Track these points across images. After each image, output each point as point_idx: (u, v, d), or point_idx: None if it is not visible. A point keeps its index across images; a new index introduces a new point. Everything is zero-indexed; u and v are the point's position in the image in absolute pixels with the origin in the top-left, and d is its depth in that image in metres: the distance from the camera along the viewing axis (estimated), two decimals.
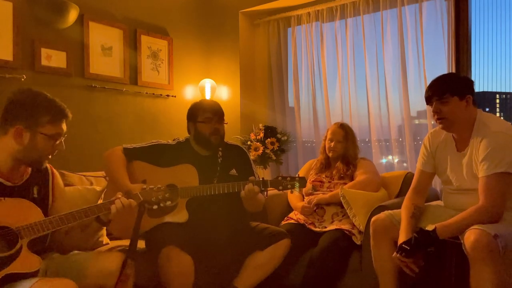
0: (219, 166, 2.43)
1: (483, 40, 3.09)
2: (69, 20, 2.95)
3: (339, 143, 2.87)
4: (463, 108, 2.02)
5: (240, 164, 2.48)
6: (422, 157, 2.25)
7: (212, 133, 2.36)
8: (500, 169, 1.89)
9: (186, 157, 2.36)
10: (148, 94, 3.55)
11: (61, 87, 3.01)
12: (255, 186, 2.17)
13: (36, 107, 1.65)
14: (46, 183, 1.80)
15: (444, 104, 2.02)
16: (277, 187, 2.23)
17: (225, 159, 2.46)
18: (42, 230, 1.60)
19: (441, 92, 2.02)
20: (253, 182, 2.19)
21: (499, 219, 1.89)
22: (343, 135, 2.88)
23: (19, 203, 1.64)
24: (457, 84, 2.05)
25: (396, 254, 1.96)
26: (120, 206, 1.75)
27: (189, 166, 2.31)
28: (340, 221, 2.67)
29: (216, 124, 2.38)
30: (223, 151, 2.47)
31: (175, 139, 2.50)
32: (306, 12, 3.68)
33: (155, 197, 1.88)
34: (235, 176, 2.42)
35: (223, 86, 3.97)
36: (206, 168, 2.36)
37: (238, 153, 2.54)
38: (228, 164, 2.45)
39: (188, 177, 2.28)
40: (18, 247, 1.55)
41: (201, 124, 2.38)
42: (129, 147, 2.37)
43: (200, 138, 2.39)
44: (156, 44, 3.62)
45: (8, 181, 1.67)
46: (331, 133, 2.91)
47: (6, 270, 1.51)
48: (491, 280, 1.73)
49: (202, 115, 2.38)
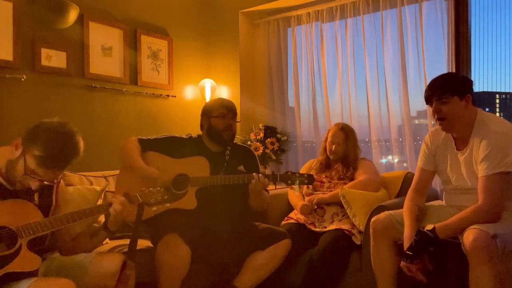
0: (226, 162, 2.47)
1: (483, 40, 3.09)
2: (69, 20, 2.95)
3: (339, 146, 2.86)
4: (463, 107, 2.02)
5: (248, 163, 2.53)
6: (423, 155, 2.24)
7: (225, 129, 2.43)
8: (500, 169, 1.89)
9: (198, 150, 2.43)
10: (148, 94, 3.55)
11: (61, 87, 3.01)
12: (265, 179, 2.26)
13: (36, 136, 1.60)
14: (49, 189, 1.80)
15: (444, 104, 2.01)
16: (286, 181, 2.29)
17: (232, 157, 2.50)
18: (42, 230, 1.60)
19: (441, 92, 2.02)
20: (263, 175, 2.27)
21: (498, 219, 1.89)
22: (344, 137, 2.87)
23: (18, 204, 1.64)
24: (456, 84, 2.05)
25: (403, 263, 1.95)
26: (119, 207, 1.75)
27: (202, 158, 2.37)
28: (340, 221, 2.67)
29: (230, 120, 2.45)
30: (231, 150, 2.52)
31: (187, 134, 2.57)
32: (306, 12, 3.68)
33: (154, 198, 1.89)
34: (242, 172, 2.45)
35: (223, 86, 3.97)
36: (215, 164, 2.40)
37: (246, 153, 2.61)
38: (235, 162, 2.50)
39: (199, 168, 2.34)
40: (18, 246, 1.55)
41: (215, 118, 2.45)
42: (143, 138, 2.43)
43: (213, 133, 2.45)
44: (156, 44, 3.62)
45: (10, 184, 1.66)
46: (331, 135, 2.90)
47: (5, 269, 1.51)
48: (490, 280, 1.73)
49: (218, 110, 2.45)
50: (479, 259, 1.74)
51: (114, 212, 1.75)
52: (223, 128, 2.43)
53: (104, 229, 1.81)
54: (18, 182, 1.63)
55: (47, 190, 1.79)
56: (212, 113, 2.46)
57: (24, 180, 1.62)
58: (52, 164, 1.60)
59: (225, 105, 2.48)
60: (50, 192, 1.80)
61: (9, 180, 1.64)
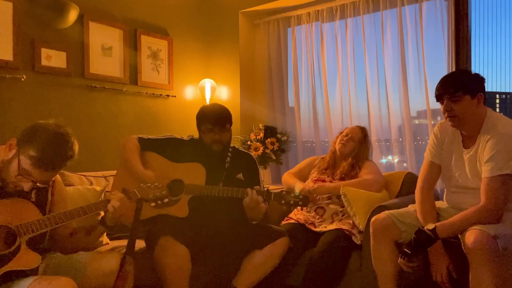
0: (225, 170, 2.44)
1: (483, 40, 3.09)
2: (69, 20, 2.95)
3: (353, 142, 2.86)
4: (474, 106, 1.99)
5: (248, 170, 2.50)
6: (432, 147, 2.18)
7: (213, 142, 2.37)
8: (505, 171, 1.88)
9: (198, 153, 2.39)
10: (148, 94, 3.55)
11: (61, 87, 3.01)
12: (259, 196, 2.21)
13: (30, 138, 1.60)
14: (45, 188, 1.79)
15: (455, 102, 1.99)
16: (279, 201, 2.25)
17: (233, 164, 2.47)
18: (41, 228, 1.60)
19: (453, 90, 1.98)
20: (257, 192, 2.22)
21: (499, 220, 1.88)
22: (361, 137, 2.88)
23: (17, 203, 1.64)
24: (469, 82, 2.02)
25: (400, 259, 1.95)
26: (117, 204, 1.75)
27: (199, 165, 2.33)
28: (340, 220, 2.67)
29: (217, 134, 2.35)
30: (232, 156, 2.48)
31: (189, 135, 2.54)
32: (306, 12, 3.68)
33: (153, 194, 1.90)
34: (241, 181, 2.43)
35: (223, 86, 3.97)
36: (213, 169, 2.37)
37: (247, 160, 2.56)
38: (235, 168, 2.46)
39: (195, 176, 2.30)
40: (17, 245, 1.55)
41: (202, 132, 2.40)
42: (144, 137, 2.41)
43: (204, 144, 2.41)
44: (156, 44, 3.62)
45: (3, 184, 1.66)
46: (349, 130, 2.92)
47: (5, 267, 1.51)
48: (490, 281, 1.72)
49: (204, 124, 2.38)
50: (480, 259, 1.73)
51: (112, 209, 1.75)
52: (211, 142, 2.37)
53: (102, 224, 1.81)
54: (10, 183, 1.62)
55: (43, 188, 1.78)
56: (200, 126, 2.41)
57: (17, 181, 1.61)
58: (47, 165, 1.61)
59: (211, 118, 2.35)
60: (46, 190, 1.80)
61: (2, 180, 1.63)
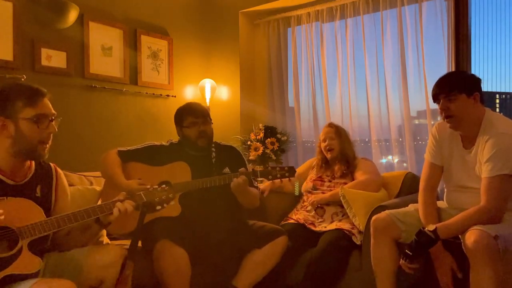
0: (213, 166, 2.45)
1: (483, 40, 3.10)
2: (69, 20, 2.95)
3: (332, 140, 2.88)
4: (471, 105, 2.00)
5: (234, 163, 2.50)
6: (431, 148, 2.19)
7: (198, 137, 2.39)
8: (504, 171, 1.88)
9: (181, 155, 2.40)
10: (148, 94, 3.54)
11: (61, 87, 3.01)
12: (240, 177, 2.22)
13: (8, 95, 1.64)
14: (49, 182, 1.79)
15: (451, 101, 2.00)
16: (266, 177, 2.28)
17: (218, 159, 2.48)
18: (43, 230, 1.58)
19: (448, 89, 2.00)
20: (243, 173, 2.23)
21: (500, 220, 1.89)
22: (334, 131, 2.90)
23: (20, 203, 1.62)
24: (464, 81, 2.03)
25: (402, 261, 1.96)
26: (123, 209, 1.72)
27: (182, 163, 2.34)
28: (340, 221, 2.67)
29: (202, 126, 2.40)
30: (216, 151, 2.50)
31: (168, 140, 2.54)
32: (306, 12, 3.68)
33: (159, 197, 1.83)
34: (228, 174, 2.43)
35: (223, 86, 3.97)
36: (199, 168, 2.37)
37: (231, 153, 2.58)
38: (221, 163, 2.47)
39: (181, 174, 2.31)
40: (19, 247, 1.54)
41: (186, 128, 2.41)
42: (123, 150, 2.40)
43: (188, 142, 2.43)
44: (156, 44, 3.62)
45: (11, 179, 1.66)
46: (323, 134, 2.95)
47: (6, 271, 1.50)
48: (491, 281, 1.72)
49: (187, 120, 2.40)
50: (481, 260, 1.74)
51: (117, 213, 1.71)
52: (196, 137, 2.39)
53: (97, 223, 1.75)
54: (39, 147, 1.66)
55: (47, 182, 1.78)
56: (182, 123, 2.42)
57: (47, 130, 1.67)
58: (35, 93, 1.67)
59: (193, 112, 2.41)
60: (50, 183, 1.79)
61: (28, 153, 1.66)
